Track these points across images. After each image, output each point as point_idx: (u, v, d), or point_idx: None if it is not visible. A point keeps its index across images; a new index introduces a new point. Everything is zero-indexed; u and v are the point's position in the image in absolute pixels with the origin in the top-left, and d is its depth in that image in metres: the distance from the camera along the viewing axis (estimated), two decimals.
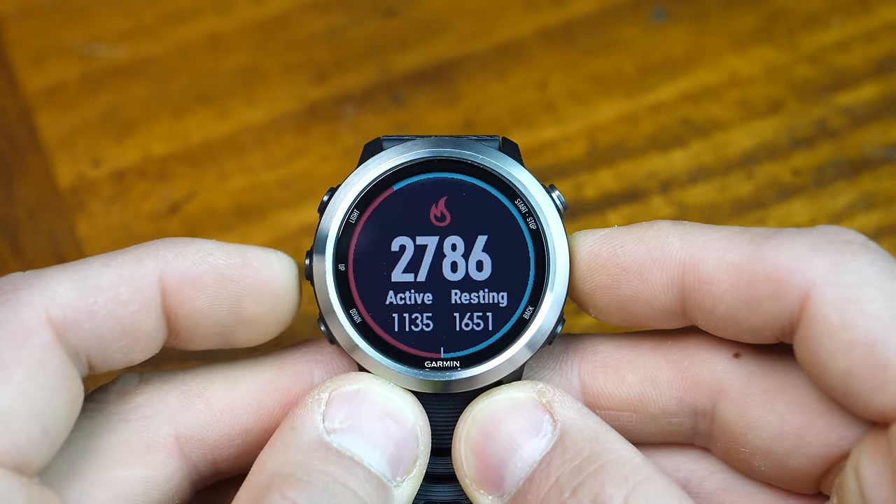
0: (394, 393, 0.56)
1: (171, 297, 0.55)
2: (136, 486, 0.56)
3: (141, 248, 0.56)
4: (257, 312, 0.57)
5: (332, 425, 0.54)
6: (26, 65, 0.82)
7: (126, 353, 0.55)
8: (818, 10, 0.82)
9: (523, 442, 0.54)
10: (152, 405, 0.57)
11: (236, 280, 0.56)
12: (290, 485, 0.51)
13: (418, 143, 0.57)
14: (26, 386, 0.51)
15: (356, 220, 0.57)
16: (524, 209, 0.57)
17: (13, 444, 0.50)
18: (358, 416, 0.55)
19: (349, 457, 0.53)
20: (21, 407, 0.51)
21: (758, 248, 0.53)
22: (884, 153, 0.77)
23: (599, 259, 0.56)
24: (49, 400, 0.51)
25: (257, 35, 0.83)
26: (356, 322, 0.56)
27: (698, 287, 0.55)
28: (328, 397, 0.55)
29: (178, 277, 0.55)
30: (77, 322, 0.53)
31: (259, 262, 0.57)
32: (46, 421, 0.51)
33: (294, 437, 0.54)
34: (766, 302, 0.53)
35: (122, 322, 0.55)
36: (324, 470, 0.52)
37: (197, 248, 0.56)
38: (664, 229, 0.56)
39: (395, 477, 0.54)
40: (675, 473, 0.59)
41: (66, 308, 0.53)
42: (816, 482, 0.56)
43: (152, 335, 0.56)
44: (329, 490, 0.52)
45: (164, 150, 0.80)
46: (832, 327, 0.51)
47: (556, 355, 0.59)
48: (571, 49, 0.82)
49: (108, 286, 0.54)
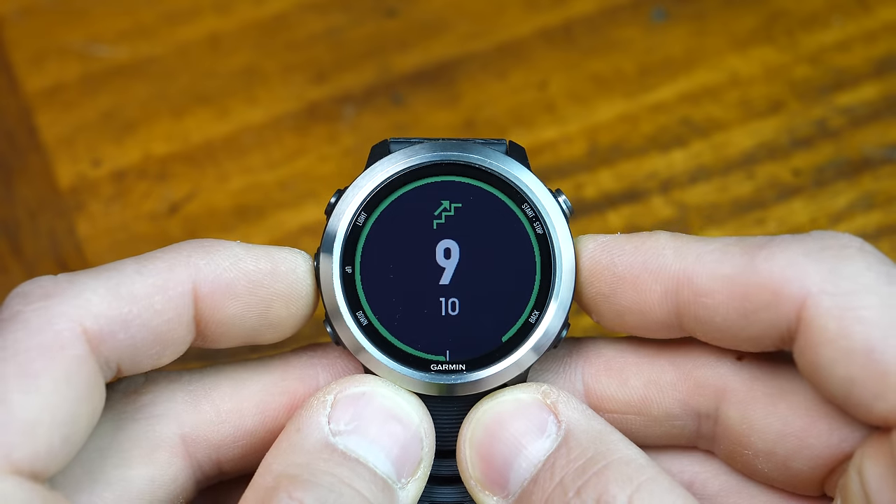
0: (399, 395, 0.56)
1: (204, 304, 0.55)
2: (141, 486, 0.56)
3: (172, 253, 0.55)
4: (284, 315, 0.57)
5: (337, 427, 0.54)
6: (26, 65, 0.82)
7: (155, 358, 0.55)
8: (818, 10, 0.82)
9: (528, 443, 0.54)
10: (158, 404, 0.57)
11: (267, 286, 0.56)
12: (296, 485, 0.51)
13: (426, 145, 0.57)
14: (54, 398, 0.51)
15: (363, 222, 0.57)
16: (531, 214, 0.57)
17: (34, 454, 0.50)
18: (363, 418, 0.55)
19: (355, 458, 0.53)
20: (47, 418, 0.50)
21: (751, 259, 0.53)
22: (884, 153, 0.78)
23: (599, 266, 0.56)
24: (74, 411, 0.51)
25: (257, 35, 0.83)
26: (363, 324, 0.56)
27: (693, 300, 0.54)
28: (333, 399, 0.55)
29: (211, 285, 0.55)
30: (112, 333, 0.53)
31: (286, 265, 0.57)
32: (68, 430, 0.51)
33: (300, 439, 0.54)
34: (763, 312, 0.53)
35: (156, 331, 0.54)
36: (330, 471, 0.52)
37: (227, 254, 0.56)
38: (661, 241, 0.55)
39: (400, 479, 0.54)
40: (679, 476, 0.59)
41: (100, 319, 0.52)
42: (820, 484, 0.56)
43: (182, 341, 0.56)
44: (336, 491, 0.52)
45: (164, 150, 0.80)
46: (830, 335, 0.51)
47: (560, 358, 0.59)
48: (571, 49, 0.82)
49: (142, 295, 0.54)
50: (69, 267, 0.76)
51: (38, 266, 0.76)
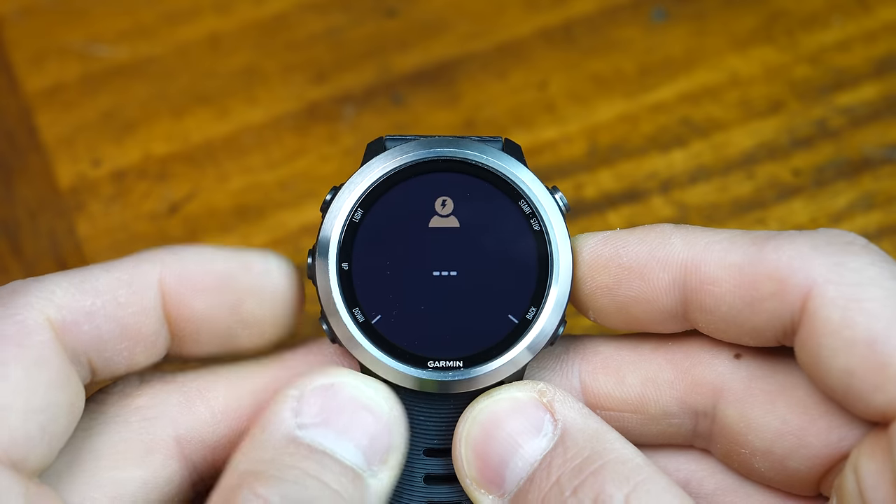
0: (367, 385, 0.55)
1: (171, 299, 0.56)
2: (134, 488, 0.56)
3: (140, 254, 0.57)
4: (258, 314, 0.57)
5: (303, 420, 0.54)
6: (26, 65, 0.82)
7: (127, 356, 0.56)
8: (818, 10, 0.82)
9: (524, 441, 0.54)
10: (153, 407, 0.57)
11: (235, 281, 0.56)
12: (261, 481, 0.51)
13: (421, 142, 0.57)
14: (24, 384, 0.51)
15: (360, 219, 0.57)
16: (527, 210, 0.57)
17: (10, 440, 0.51)
18: (331, 410, 0.54)
19: (321, 451, 0.53)
20: (19, 403, 0.51)
21: (759, 249, 0.54)
22: (884, 153, 0.77)
23: (602, 259, 0.56)
24: (47, 397, 0.52)
25: (257, 35, 0.83)
26: (359, 321, 0.56)
27: (700, 288, 0.55)
28: (300, 393, 0.54)
29: (177, 279, 0.56)
30: (76, 323, 0.54)
31: (259, 264, 0.57)
32: (44, 418, 0.52)
33: (266, 436, 0.54)
34: (768, 301, 0.53)
35: (122, 323, 0.55)
36: (295, 465, 0.52)
37: (196, 252, 0.57)
38: (666, 231, 0.56)
39: (371, 467, 0.54)
40: (675, 474, 0.60)
41: (63, 310, 0.54)
42: (816, 483, 0.56)
43: (153, 338, 0.56)
44: (300, 483, 0.51)
45: (164, 150, 0.80)
46: (833, 325, 0.52)
47: (557, 356, 0.59)
48: (571, 49, 0.82)
49: (105, 289, 0.55)
50: (69, 267, 0.76)
51: (38, 266, 0.76)
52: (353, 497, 0.52)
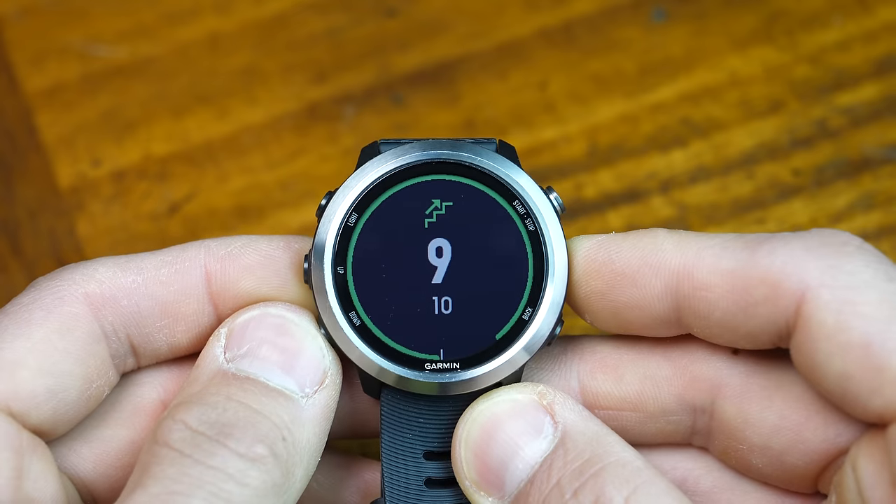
0: (289, 311, 0.56)
1: (217, 279, 0.57)
2: (121, 447, 0.57)
3: (187, 243, 0.58)
4: (301, 293, 0.58)
5: (231, 354, 0.55)
6: (26, 65, 0.82)
7: (168, 333, 0.57)
8: (818, 10, 0.82)
9: (524, 444, 0.54)
10: (143, 371, 0.59)
11: (278, 261, 0.57)
12: (182, 408, 0.53)
13: (415, 145, 0.58)
14: (43, 346, 0.53)
15: (354, 223, 0.57)
16: (522, 211, 0.57)
17: (14, 392, 0.52)
18: (254, 339, 0.55)
19: (245, 377, 0.54)
20: (32, 362, 0.53)
21: (752, 253, 0.53)
22: (884, 153, 0.77)
23: (595, 264, 0.56)
24: (63, 366, 0.54)
25: (257, 35, 0.83)
26: (356, 325, 0.56)
27: (693, 294, 0.55)
28: (228, 330, 0.56)
29: (222, 260, 0.57)
30: (114, 298, 0.56)
31: (298, 244, 0.58)
32: (54, 383, 0.53)
33: (198, 373, 0.55)
34: (762, 306, 0.53)
35: (162, 301, 0.56)
36: (218, 392, 0.53)
37: (241, 237, 0.58)
38: (659, 237, 0.56)
39: (304, 389, 0.55)
40: (672, 472, 0.60)
41: (103, 284, 0.55)
42: (814, 480, 0.56)
43: (194, 317, 0.57)
44: (220, 407, 0.52)
45: (164, 150, 0.80)
46: (828, 329, 0.51)
47: (555, 356, 0.59)
48: (571, 49, 0.82)
49: (149, 268, 0.57)
50: None
51: (38, 266, 0.76)
52: (282, 419, 0.53)
